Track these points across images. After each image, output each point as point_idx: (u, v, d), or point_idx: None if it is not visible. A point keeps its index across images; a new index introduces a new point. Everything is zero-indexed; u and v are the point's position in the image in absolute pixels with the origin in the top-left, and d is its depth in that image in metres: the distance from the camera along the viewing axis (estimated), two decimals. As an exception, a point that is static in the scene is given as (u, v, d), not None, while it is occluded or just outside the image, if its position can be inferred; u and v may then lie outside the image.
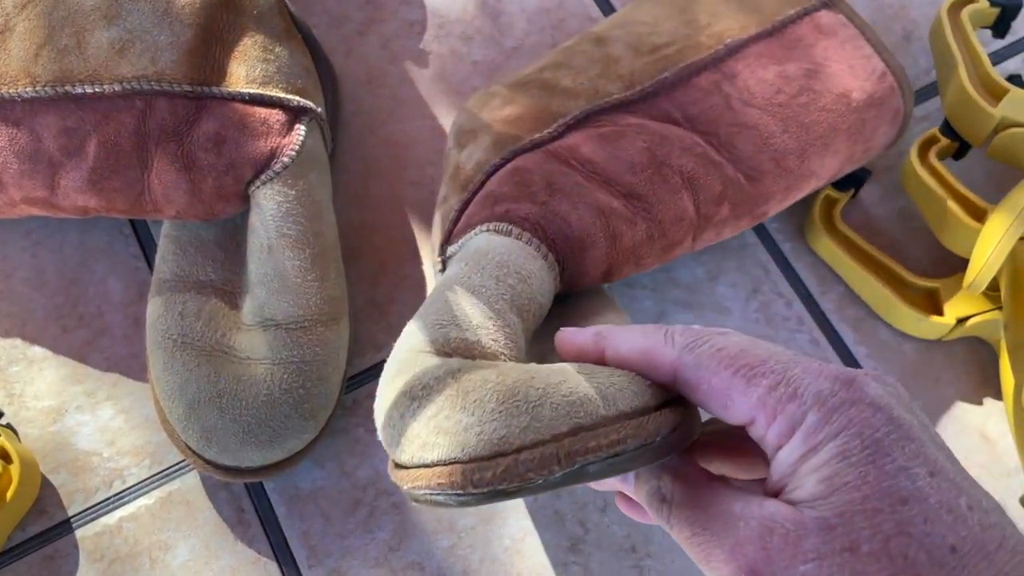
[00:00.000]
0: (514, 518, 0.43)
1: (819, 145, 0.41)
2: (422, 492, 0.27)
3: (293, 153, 0.41)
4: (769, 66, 0.41)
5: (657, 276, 0.47)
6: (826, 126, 0.41)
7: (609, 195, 0.38)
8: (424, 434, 0.28)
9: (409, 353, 0.31)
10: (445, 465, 0.27)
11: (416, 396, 0.29)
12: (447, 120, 0.51)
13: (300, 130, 0.41)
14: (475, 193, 0.40)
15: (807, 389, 0.24)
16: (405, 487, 0.28)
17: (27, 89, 0.40)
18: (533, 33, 0.53)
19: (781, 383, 0.25)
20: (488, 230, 0.37)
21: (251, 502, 0.43)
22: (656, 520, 0.28)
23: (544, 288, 0.35)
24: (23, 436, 0.44)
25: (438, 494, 0.27)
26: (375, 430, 0.44)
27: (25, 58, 0.40)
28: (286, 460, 0.41)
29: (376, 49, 0.52)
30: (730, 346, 0.26)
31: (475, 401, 0.27)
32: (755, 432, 0.25)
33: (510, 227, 0.37)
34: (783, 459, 0.24)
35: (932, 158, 0.45)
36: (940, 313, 0.45)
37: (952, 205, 0.43)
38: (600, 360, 0.29)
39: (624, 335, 0.29)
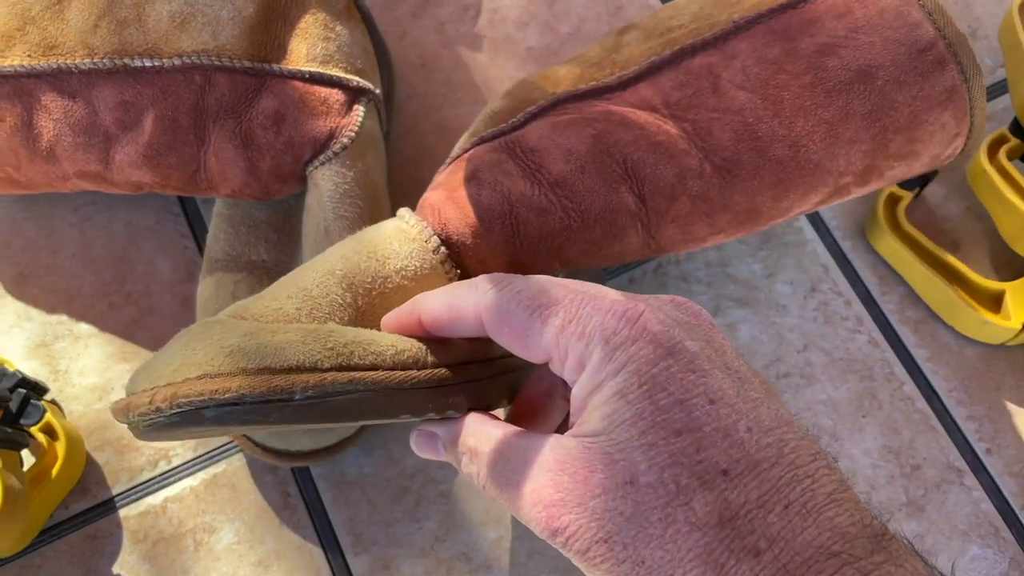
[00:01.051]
0: (563, 512, 0.42)
1: (822, 131, 0.36)
2: (126, 419, 0.30)
3: (352, 134, 0.40)
4: (776, 44, 0.37)
5: (713, 271, 0.46)
6: (834, 109, 0.36)
7: (531, 183, 0.36)
8: (140, 367, 0.31)
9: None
10: (131, 396, 0.29)
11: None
12: (501, 106, 0.50)
13: (359, 111, 0.41)
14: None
15: (594, 326, 0.25)
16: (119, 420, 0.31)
17: (84, 61, 0.39)
18: (589, 19, 0.52)
19: (572, 320, 0.26)
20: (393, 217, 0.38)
21: (297, 487, 0.42)
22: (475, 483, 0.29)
23: (412, 270, 0.35)
24: (68, 413, 0.43)
25: (125, 420, 0.30)
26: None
27: (83, 29, 0.40)
28: (335, 445, 0.40)
29: (430, 33, 0.51)
30: (529, 287, 0.27)
31: (180, 341, 0.30)
32: (554, 370, 0.27)
33: (404, 211, 0.37)
34: (575, 395, 0.26)
35: (1002, 157, 0.44)
36: (1006, 317, 0.43)
37: (1022, 206, 0.42)
38: (416, 326, 0.31)
39: (435, 295, 0.30)
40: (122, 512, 0.42)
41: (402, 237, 0.35)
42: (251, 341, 0.29)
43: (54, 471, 0.40)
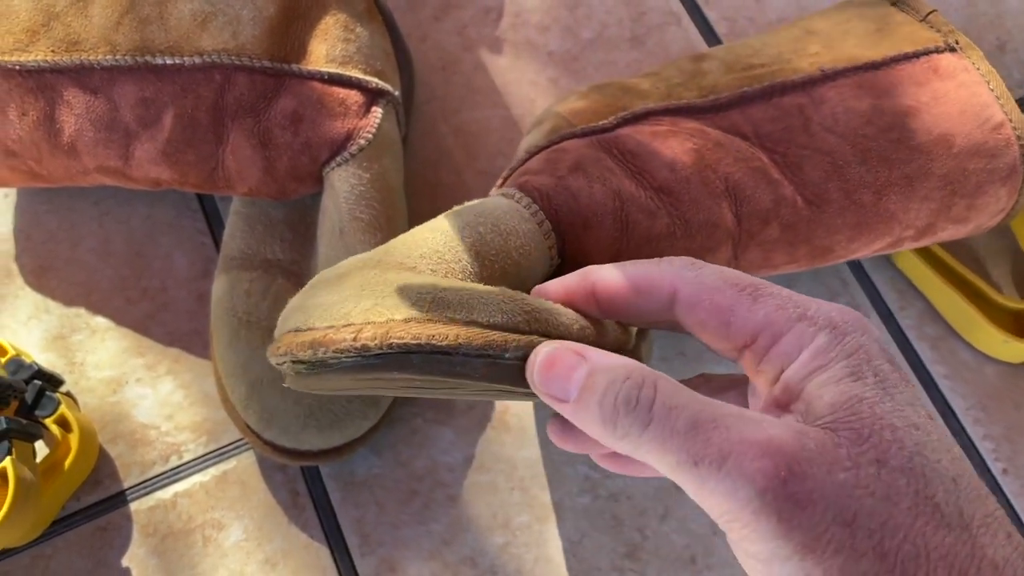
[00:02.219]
0: (571, 519, 0.42)
1: (903, 184, 0.38)
2: (275, 361, 0.29)
3: (370, 136, 0.40)
4: (865, 97, 0.39)
5: (729, 281, 0.46)
6: (915, 166, 0.38)
7: (637, 185, 0.37)
8: (288, 309, 0.30)
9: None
10: (287, 334, 0.28)
11: (312, 283, 0.31)
12: (520, 110, 0.50)
13: (377, 113, 0.41)
14: (516, 170, 0.39)
15: (817, 312, 0.24)
16: (273, 361, 0.29)
17: (107, 57, 0.40)
18: (611, 25, 0.52)
19: (789, 304, 0.25)
20: (498, 193, 0.37)
21: (306, 486, 0.42)
22: (612, 437, 0.24)
23: (528, 250, 0.34)
24: (82, 405, 0.44)
25: (281, 362, 0.28)
26: (433, 420, 0.43)
27: (106, 25, 0.40)
28: (345, 446, 0.40)
29: (451, 35, 0.51)
30: (729, 270, 0.26)
31: (348, 285, 0.28)
32: (754, 351, 0.25)
33: (515, 191, 0.36)
34: (790, 377, 0.24)
35: (1027, 174, 0.43)
36: (1026, 336, 0.43)
37: (1046, 224, 0.42)
38: (590, 298, 0.28)
39: (615, 267, 0.28)
40: (132, 506, 0.42)
41: (518, 216, 0.35)
42: (449, 293, 0.27)
43: (67, 463, 0.40)
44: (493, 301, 0.27)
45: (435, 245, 0.32)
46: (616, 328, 0.29)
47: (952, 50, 0.41)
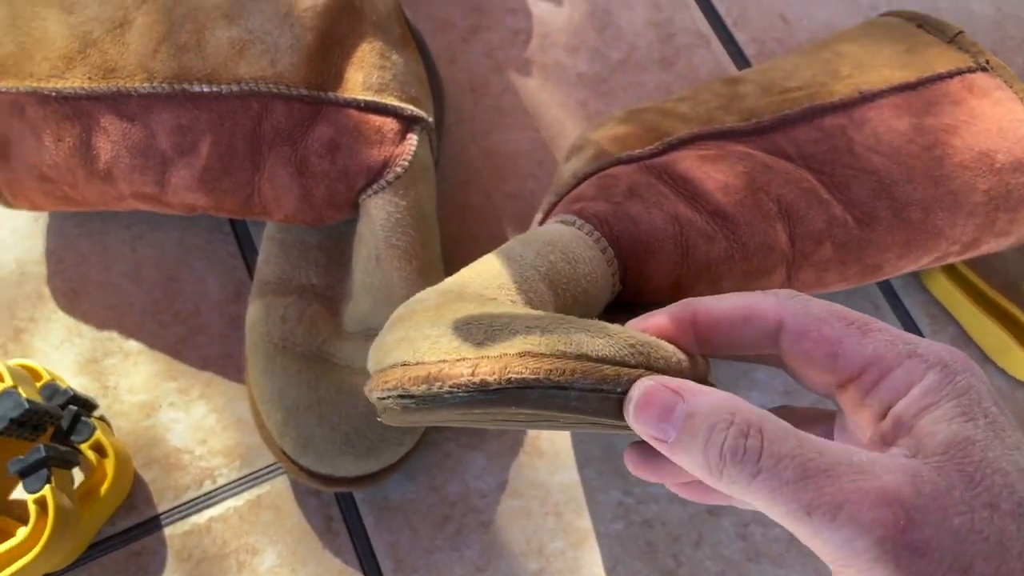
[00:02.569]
0: (605, 546, 0.42)
1: (949, 201, 0.39)
2: (379, 395, 0.28)
3: (406, 163, 0.40)
4: (904, 117, 0.40)
5: (760, 305, 0.46)
6: (960, 183, 0.39)
7: (692, 209, 0.37)
8: (389, 342, 0.29)
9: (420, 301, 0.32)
10: (395, 367, 0.28)
11: (402, 315, 0.30)
12: (549, 132, 0.50)
13: (412, 140, 0.41)
14: (563, 196, 0.40)
15: (928, 350, 0.24)
16: (370, 395, 0.29)
17: (144, 84, 0.40)
18: (640, 47, 0.52)
19: (899, 340, 0.25)
20: (556, 221, 0.37)
21: (340, 511, 0.42)
22: (718, 483, 0.24)
23: (594, 277, 0.34)
24: (116, 429, 0.44)
25: (387, 396, 0.28)
26: (466, 446, 0.44)
27: (143, 53, 0.40)
28: (380, 472, 0.40)
29: (480, 57, 0.51)
30: (835, 304, 0.26)
31: (447, 318, 0.28)
32: (859, 385, 0.25)
33: (574, 218, 0.37)
34: (901, 411, 0.24)
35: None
36: (1060, 362, 0.43)
37: (1081, 250, 0.41)
38: (688, 329, 0.28)
39: (718, 297, 0.28)
40: (167, 530, 0.42)
41: (582, 243, 0.35)
42: (555, 326, 0.27)
43: (103, 489, 0.40)
44: (599, 333, 0.27)
45: (511, 275, 0.32)
46: (702, 361, 0.29)
47: (984, 69, 0.42)
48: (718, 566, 0.41)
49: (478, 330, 0.27)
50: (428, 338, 0.28)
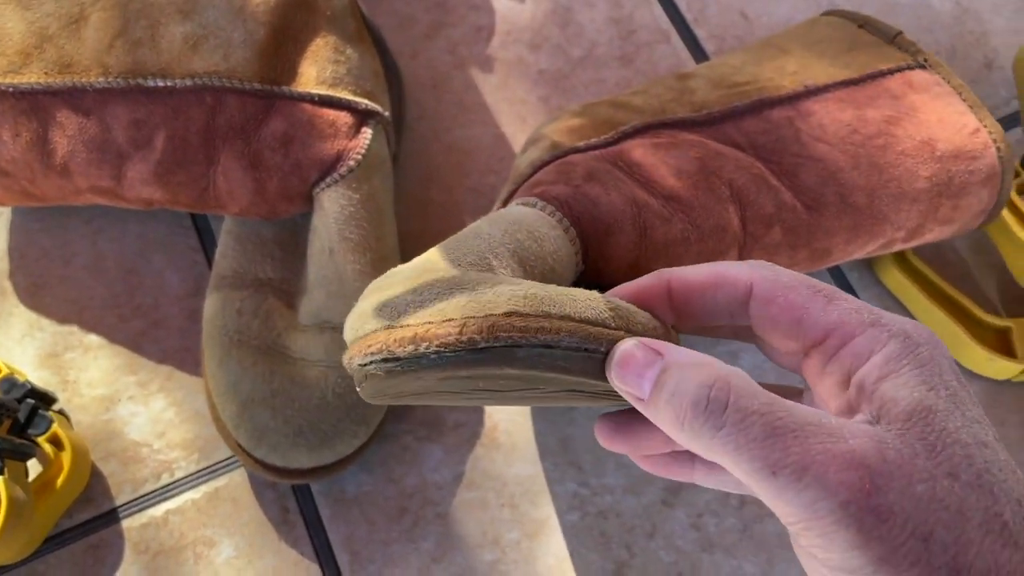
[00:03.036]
0: (559, 537, 0.42)
1: (893, 187, 0.40)
2: (360, 362, 0.28)
3: (359, 157, 0.40)
4: (848, 109, 0.41)
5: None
6: (903, 169, 0.40)
7: (648, 193, 0.38)
8: (367, 309, 0.29)
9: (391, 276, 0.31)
10: (377, 332, 0.27)
11: (380, 284, 0.30)
12: (510, 128, 0.50)
13: (367, 133, 0.41)
14: (520, 185, 0.40)
15: (891, 320, 0.24)
16: (348, 363, 0.29)
17: (99, 79, 0.40)
18: (601, 44, 0.52)
19: (864, 309, 0.25)
20: (517, 203, 0.38)
21: (296, 503, 0.43)
22: (682, 437, 0.24)
23: (560, 255, 0.35)
24: (75, 423, 0.44)
25: (369, 361, 0.27)
26: (423, 438, 0.44)
27: (99, 48, 0.40)
28: (335, 464, 0.41)
29: (443, 53, 0.52)
30: (804, 275, 0.27)
31: (428, 283, 0.28)
32: (822, 351, 0.25)
33: (535, 200, 0.37)
34: (863, 377, 0.24)
35: (1012, 194, 0.44)
36: (1011, 354, 0.43)
37: (1030, 242, 0.42)
38: (664, 294, 0.28)
39: (692, 267, 0.28)
40: (124, 523, 0.42)
41: (546, 223, 0.35)
42: (539, 290, 0.27)
43: (59, 481, 0.41)
44: (580, 298, 0.27)
45: (481, 251, 0.32)
46: (674, 333, 0.30)
47: (923, 67, 0.43)
48: (671, 556, 0.42)
49: (461, 294, 0.27)
50: (411, 303, 0.28)
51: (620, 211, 0.37)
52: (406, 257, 0.46)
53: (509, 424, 0.44)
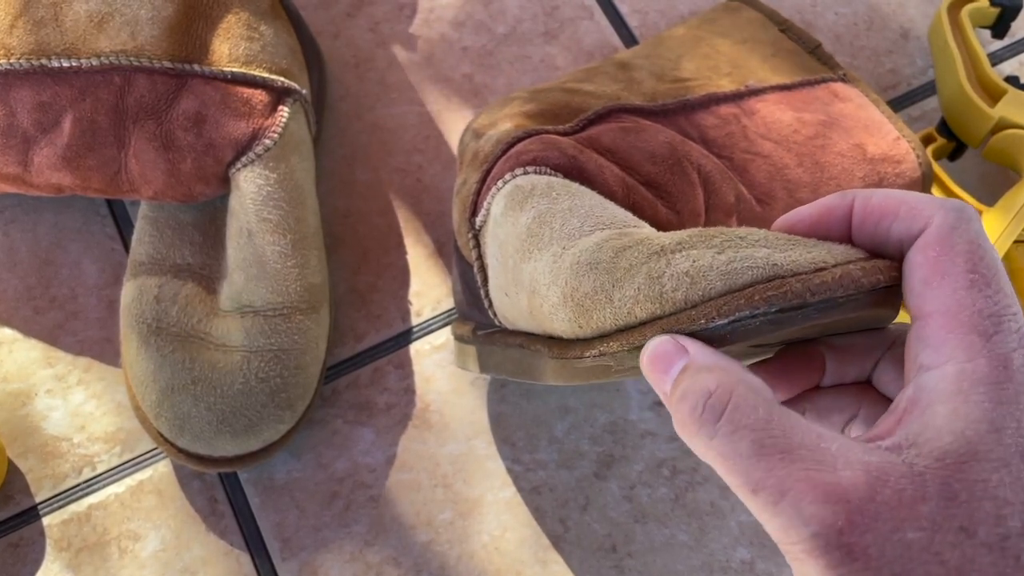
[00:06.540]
0: (494, 513, 0.42)
1: (833, 185, 0.42)
2: (740, 315, 0.25)
3: (276, 135, 0.39)
4: (787, 111, 0.42)
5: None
6: (840, 169, 0.42)
7: (630, 177, 0.38)
8: (707, 260, 0.27)
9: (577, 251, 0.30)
10: (766, 284, 0.24)
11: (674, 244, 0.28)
12: (435, 106, 0.49)
13: (283, 112, 0.40)
14: (498, 159, 0.38)
15: (1007, 335, 0.22)
16: (727, 319, 0.25)
17: (1, 61, 0.39)
18: (525, 20, 0.52)
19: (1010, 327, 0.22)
20: (518, 175, 0.36)
21: (224, 492, 0.42)
22: (684, 438, 0.23)
23: None
24: (-10, 419, 0.42)
25: (753, 314, 0.25)
26: (353, 421, 0.43)
27: (0, 29, 0.39)
28: (261, 450, 0.40)
29: (365, 32, 0.51)
30: (992, 253, 0.24)
31: (704, 238, 0.27)
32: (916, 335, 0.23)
33: (543, 168, 0.35)
34: (920, 389, 0.22)
35: (933, 163, 0.44)
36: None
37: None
38: (847, 215, 0.26)
39: (875, 190, 0.25)
40: (45, 520, 0.41)
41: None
42: (777, 237, 0.26)
43: (-27, 479, 0.39)
44: (807, 243, 0.26)
45: (615, 213, 0.32)
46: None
47: (844, 80, 0.45)
48: (605, 528, 0.42)
49: (788, 242, 0.26)
50: (772, 253, 0.25)
51: (614, 190, 0.36)
52: (334, 239, 0.46)
53: (441, 404, 0.44)
